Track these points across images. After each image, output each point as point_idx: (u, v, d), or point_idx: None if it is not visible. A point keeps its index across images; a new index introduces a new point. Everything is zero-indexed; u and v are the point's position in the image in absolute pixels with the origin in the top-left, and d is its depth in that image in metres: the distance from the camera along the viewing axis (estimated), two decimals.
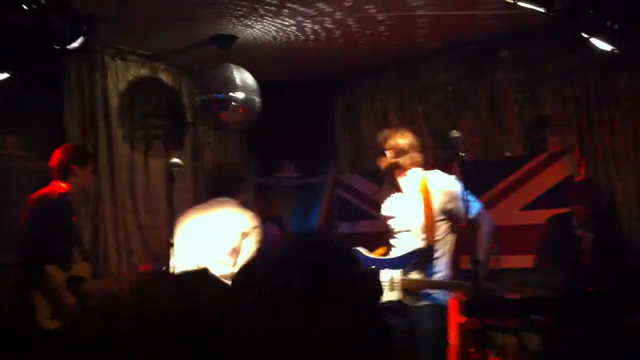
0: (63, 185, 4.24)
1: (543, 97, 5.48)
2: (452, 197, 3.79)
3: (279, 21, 5.01)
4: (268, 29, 5.17)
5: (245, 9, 4.74)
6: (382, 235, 4.10)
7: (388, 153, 3.88)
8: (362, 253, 3.92)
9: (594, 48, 4.14)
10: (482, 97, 5.77)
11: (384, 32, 5.31)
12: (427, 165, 4.04)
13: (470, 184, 3.69)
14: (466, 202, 3.73)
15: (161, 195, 5.77)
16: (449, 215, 3.80)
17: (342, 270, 1.33)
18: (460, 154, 3.68)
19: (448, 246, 3.81)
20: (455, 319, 4.75)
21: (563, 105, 5.37)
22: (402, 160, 3.90)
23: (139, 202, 5.72)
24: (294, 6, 4.70)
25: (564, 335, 4.17)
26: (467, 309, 4.13)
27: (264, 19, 4.95)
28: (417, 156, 3.90)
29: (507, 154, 5.64)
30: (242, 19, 4.95)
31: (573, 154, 5.28)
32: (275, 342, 1.18)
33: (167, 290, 1.20)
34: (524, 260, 5.09)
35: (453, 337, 3.85)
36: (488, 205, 5.59)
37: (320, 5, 4.69)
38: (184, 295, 1.18)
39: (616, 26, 3.83)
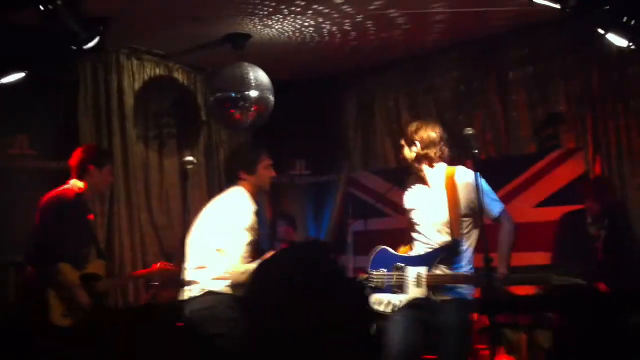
0: (80, 184, 4.27)
1: (555, 94, 5.46)
2: (475, 194, 3.80)
3: (299, 21, 5.04)
4: (286, 28, 5.19)
5: (270, 9, 4.79)
6: (400, 232, 4.09)
7: (418, 144, 3.87)
8: (389, 252, 3.91)
9: (609, 44, 4.13)
10: (494, 95, 5.76)
11: (397, 30, 5.31)
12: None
13: (485, 182, 3.69)
14: (491, 199, 3.75)
15: (175, 195, 5.81)
16: (474, 210, 3.79)
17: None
18: (474, 151, 3.67)
19: (472, 241, 3.80)
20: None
21: (576, 101, 5.36)
22: (432, 152, 3.89)
23: (153, 201, 5.76)
24: (320, 8, 4.75)
25: (575, 332, 4.16)
26: (479, 306, 4.13)
27: (285, 19, 4.99)
28: (445, 150, 3.90)
29: (520, 151, 5.62)
30: (264, 19, 4.99)
31: (587, 150, 5.27)
32: None
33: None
34: (538, 258, 5.08)
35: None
36: (503, 203, 5.61)
37: (345, 7, 4.74)
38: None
39: (633, 22, 3.81)
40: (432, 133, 3.87)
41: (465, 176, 3.83)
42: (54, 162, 5.03)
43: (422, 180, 3.91)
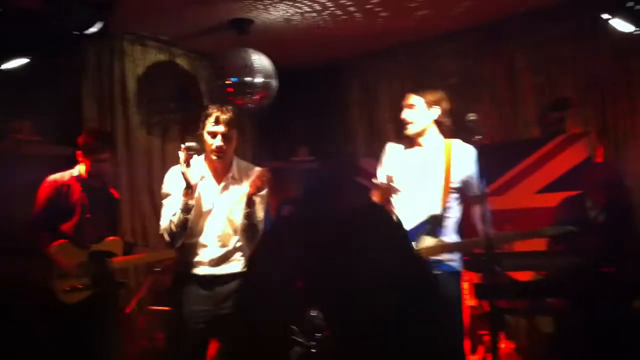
0: (82, 169, 4.36)
1: (560, 79, 5.44)
2: (471, 168, 3.83)
3: (303, 6, 5.03)
4: (290, 13, 5.18)
5: None
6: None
7: (439, 110, 3.87)
8: None
9: (615, 29, 4.11)
10: (500, 80, 5.74)
11: (401, 14, 5.30)
12: None
13: (488, 167, 3.69)
14: (480, 177, 3.76)
15: None
16: (463, 184, 3.83)
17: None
18: (478, 136, 3.67)
19: (456, 214, 3.82)
20: (467, 302, 4.76)
21: (581, 86, 5.33)
22: (447, 122, 3.92)
23: (155, 185, 5.77)
24: None
25: (575, 317, 4.17)
26: (479, 291, 4.14)
27: (282, 2, 4.97)
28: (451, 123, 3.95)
29: (525, 136, 5.62)
30: (267, 6, 5.00)
31: (591, 135, 5.26)
32: None
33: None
34: (540, 244, 5.08)
35: (465, 320, 3.87)
36: (506, 188, 5.61)
37: None
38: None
39: (638, 7, 3.80)
40: (450, 105, 3.90)
41: (462, 149, 3.86)
42: (58, 147, 5.06)
43: (413, 145, 3.90)
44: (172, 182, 3.59)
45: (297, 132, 6.73)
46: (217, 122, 3.52)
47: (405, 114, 3.87)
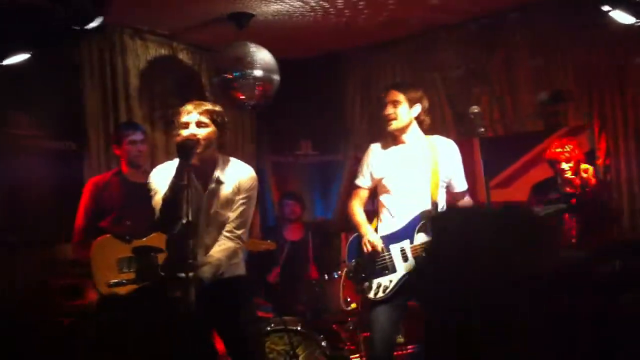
0: (121, 166, 4.50)
1: (561, 71, 5.41)
2: (456, 163, 3.88)
3: None
4: (290, 6, 5.16)
5: None
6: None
7: (420, 108, 3.86)
8: (370, 233, 3.87)
9: (615, 21, 4.09)
10: (500, 72, 5.72)
11: (402, 6, 5.28)
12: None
13: (491, 160, 3.67)
14: (462, 172, 3.89)
15: None
16: (450, 178, 3.84)
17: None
18: (480, 130, 3.65)
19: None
20: None
21: (581, 78, 5.31)
22: (427, 119, 3.91)
23: None
24: None
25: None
26: None
27: None
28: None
29: (527, 129, 5.59)
30: None
31: (592, 128, 5.24)
32: None
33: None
34: None
35: None
36: (508, 181, 5.59)
37: None
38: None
39: None
40: (428, 103, 3.91)
41: (445, 145, 3.87)
42: (60, 143, 5.07)
43: (397, 143, 3.89)
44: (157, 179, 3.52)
45: (299, 126, 6.71)
46: (186, 112, 3.47)
47: (389, 110, 3.84)
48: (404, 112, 3.82)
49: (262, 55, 5.30)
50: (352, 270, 3.85)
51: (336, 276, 5.01)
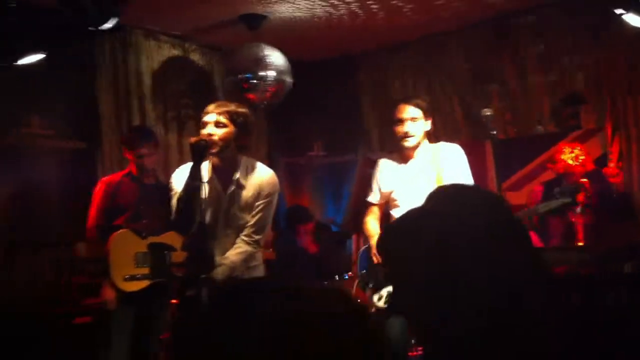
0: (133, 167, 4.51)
1: (572, 74, 5.39)
2: (460, 167, 3.84)
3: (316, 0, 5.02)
4: (302, 8, 5.17)
5: None
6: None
7: (429, 119, 3.85)
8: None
9: (628, 23, 4.07)
10: (511, 75, 5.70)
11: (414, 9, 5.27)
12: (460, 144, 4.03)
13: (503, 162, 3.67)
14: (469, 175, 3.83)
15: None
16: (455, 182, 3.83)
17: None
18: (492, 132, 3.64)
19: None
20: None
21: (593, 81, 5.28)
22: (432, 128, 3.91)
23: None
24: None
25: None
26: None
27: None
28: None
29: (539, 130, 5.57)
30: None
31: (605, 130, 5.21)
32: None
33: None
34: (554, 240, 5.05)
35: None
36: (521, 183, 5.58)
37: None
38: None
39: None
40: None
41: (448, 150, 3.85)
42: (72, 142, 5.10)
43: (406, 158, 3.89)
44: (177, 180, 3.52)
45: (310, 127, 6.72)
46: (206, 112, 3.45)
47: (408, 127, 3.80)
48: (421, 128, 3.82)
49: (275, 57, 5.31)
50: (362, 280, 3.89)
51: (346, 277, 5.02)
